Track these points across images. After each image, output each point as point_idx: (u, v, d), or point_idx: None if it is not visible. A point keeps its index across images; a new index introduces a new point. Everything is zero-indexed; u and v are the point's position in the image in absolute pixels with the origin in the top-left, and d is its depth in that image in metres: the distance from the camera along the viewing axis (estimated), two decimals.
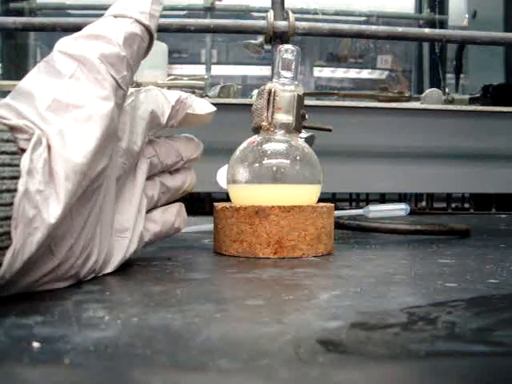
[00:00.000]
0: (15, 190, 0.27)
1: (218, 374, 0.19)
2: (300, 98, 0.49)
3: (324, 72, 2.81)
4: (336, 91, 1.32)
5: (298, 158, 0.48)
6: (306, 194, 0.48)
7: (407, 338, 0.23)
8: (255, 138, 0.49)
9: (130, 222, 0.39)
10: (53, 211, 0.28)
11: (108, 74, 0.33)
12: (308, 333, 0.24)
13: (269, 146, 0.48)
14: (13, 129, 0.29)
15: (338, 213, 0.69)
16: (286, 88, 0.49)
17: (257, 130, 0.49)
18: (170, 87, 1.01)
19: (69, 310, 0.27)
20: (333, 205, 0.50)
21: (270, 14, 0.95)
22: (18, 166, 0.28)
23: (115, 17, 0.35)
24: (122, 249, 0.39)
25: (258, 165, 0.48)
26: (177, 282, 0.36)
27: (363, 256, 0.48)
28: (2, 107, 0.31)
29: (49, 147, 0.29)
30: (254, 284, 0.35)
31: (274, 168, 0.47)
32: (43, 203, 0.28)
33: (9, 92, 0.33)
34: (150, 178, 0.43)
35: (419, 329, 0.24)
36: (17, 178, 0.28)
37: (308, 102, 1.04)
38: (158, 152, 0.43)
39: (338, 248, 0.52)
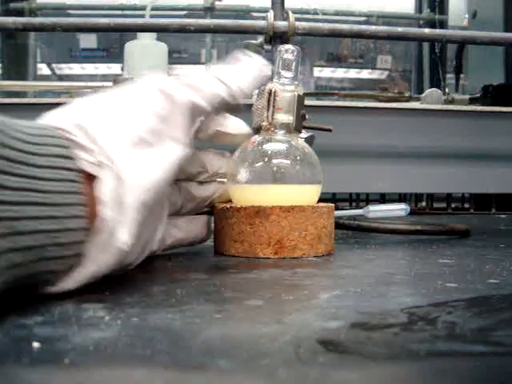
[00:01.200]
0: (82, 217, 0.28)
1: (217, 374, 0.19)
2: (300, 98, 0.49)
3: (324, 72, 2.81)
4: (336, 91, 1.32)
5: (298, 158, 0.48)
6: (307, 194, 0.48)
7: (407, 338, 0.23)
8: (255, 138, 0.49)
9: None
10: (124, 238, 0.30)
11: (190, 120, 0.36)
12: (308, 333, 0.24)
13: (269, 146, 0.48)
14: (78, 146, 0.30)
15: (337, 213, 0.69)
16: (286, 88, 0.49)
17: (257, 130, 0.49)
18: None
19: (69, 310, 0.27)
20: (333, 205, 0.50)
21: (270, 14, 0.95)
22: (80, 193, 0.29)
23: (218, 79, 0.40)
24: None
25: (258, 165, 0.48)
26: (177, 282, 0.36)
27: (363, 256, 0.48)
28: (76, 127, 0.31)
29: (121, 178, 0.31)
30: (254, 284, 0.35)
31: (275, 168, 0.47)
32: (117, 230, 0.30)
33: (9, 92, 0.34)
34: (174, 184, 0.44)
35: (419, 329, 0.24)
36: (82, 204, 0.29)
37: (308, 102, 1.04)
38: None
39: (338, 248, 0.52)
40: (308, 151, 0.49)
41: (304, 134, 0.54)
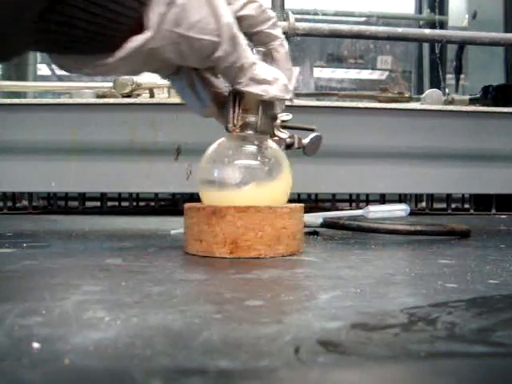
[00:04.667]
0: None
1: (218, 374, 0.19)
2: (265, 100, 0.49)
3: (324, 72, 2.81)
4: (336, 92, 1.32)
5: (258, 159, 0.48)
6: (267, 194, 0.48)
7: (407, 339, 0.23)
8: (223, 139, 0.50)
9: None
10: None
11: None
12: (308, 333, 0.24)
13: (231, 148, 0.49)
14: None
15: (337, 213, 0.69)
16: None
17: (227, 129, 0.50)
18: (170, 87, 1.01)
19: (69, 310, 0.27)
20: (301, 205, 0.50)
21: None
22: None
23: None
24: None
25: (217, 166, 0.48)
26: (177, 282, 0.36)
27: (363, 256, 0.48)
28: None
29: None
30: (253, 284, 0.35)
31: (233, 169, 0.48)
32: None
33: (9, 92, 0.34)
34: None
35: (419, 329, 0.24)
36: None
37: (308, 102, 1.04)
38: None
39: (337, 248, 0.52)
40: (271, 151, 0.49)
41: (312, 134, 0.54)
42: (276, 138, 0.51)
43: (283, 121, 0.51)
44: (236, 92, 0.47)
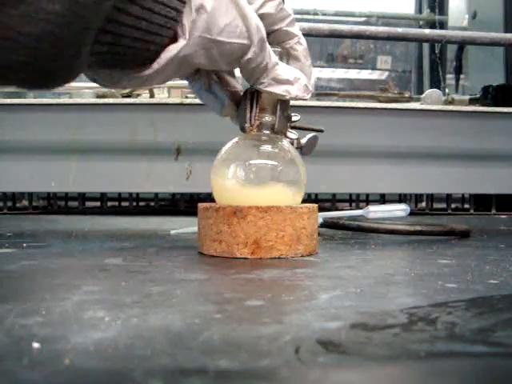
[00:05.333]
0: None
1: (217, 374, 0.19)
2: (284, 100, 0.49)
3: (324, 72, 2.81)
4: (336, 92, 1.32)
5: (278, 159, 0.48)
6: (287, 195, 0.48)
7: (407, 339, 0.23)
8: (239, 138, 0.50)
9: None
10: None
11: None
12: (308, 333, 0.24)
13: (250, 147, 0.49)
14: None
15: (337, 213, 0.69)
16: None
17: (243, 129, 0.50)
18: (170, 87, 1.01)
19: (69, 310, 0.27)
20: (316, 205, 0.50)
21: None
22: None
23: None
24: None
25: (237, 165, 0.48)
26: (177, 282, 0.36)
27: (363, 256, 0.48)
28: None
29: None
30: (254, 284, 0.35)
31: (254, 169, 0.47)
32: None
33: (9, 92, 0.34)
34: None
35: (419, 329, 0.24)
36: None
37: (308, 102, 1.04)
38: None
39: (337, 248, 0.52)
40: (291, 152, 0.49)
41: (309, 135, 0.54)
42: (287, 139, 0.51)
43: (293, 121, 0.51)
44: (253, 91, 0.47)
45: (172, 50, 0.38)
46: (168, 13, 0.37)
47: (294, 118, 0.51)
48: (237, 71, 0.47)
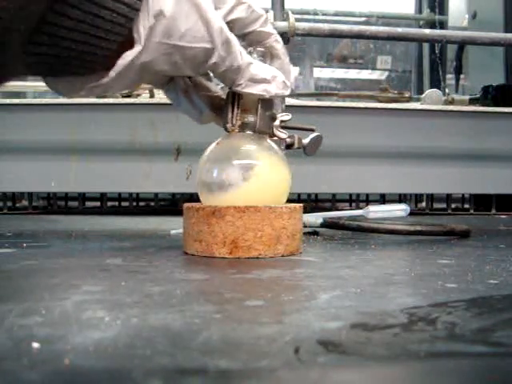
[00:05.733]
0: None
1: (217, 374, 0.19)
2: (266, 100, 0.49)
3: (324, 72, 2.81)
4: (336, 92, 1.32)
5: (257, 158, 0.48)
6: (267, 194, 0.48)
7: (407, 339, 0.23)
8: (220, 138, 0.50)
9: None
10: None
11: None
12: (308, 333, 0.24)
13: (230, 147, 0.49)
14: None
15: (337, 213, 0.69)
16: None
17: (225, 129, 0.50)
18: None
19: (68, 310, 0.27)
20: (299, 205, 0.50)
21: (270, 14, 0.95)
22: None
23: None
24: None
25: (218, 166, 0.48)
26: (177, 282, 0.36)
27: (363, 256, 0.48)
28: None
29: None
30: (253, 284, 0.35)
31: (231, 168, 0.48)
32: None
33: (9, 92, 0.34)
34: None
35: (419, 329, 0.24)
36: None
37: (308, 102, 1.04)
38: None
39: (337, 248, 0.52)
40: (271, 151, 0.49)
41: (313, 134, 0.54)
42: (275, 138, 0.51)
43: (283, 121, 0.50)
44: (234, 92, 0.47)
45: (128, 57, 0.38)
46: (114, 18, 0.37)
47: (284, 118, 0.50)
48: None
